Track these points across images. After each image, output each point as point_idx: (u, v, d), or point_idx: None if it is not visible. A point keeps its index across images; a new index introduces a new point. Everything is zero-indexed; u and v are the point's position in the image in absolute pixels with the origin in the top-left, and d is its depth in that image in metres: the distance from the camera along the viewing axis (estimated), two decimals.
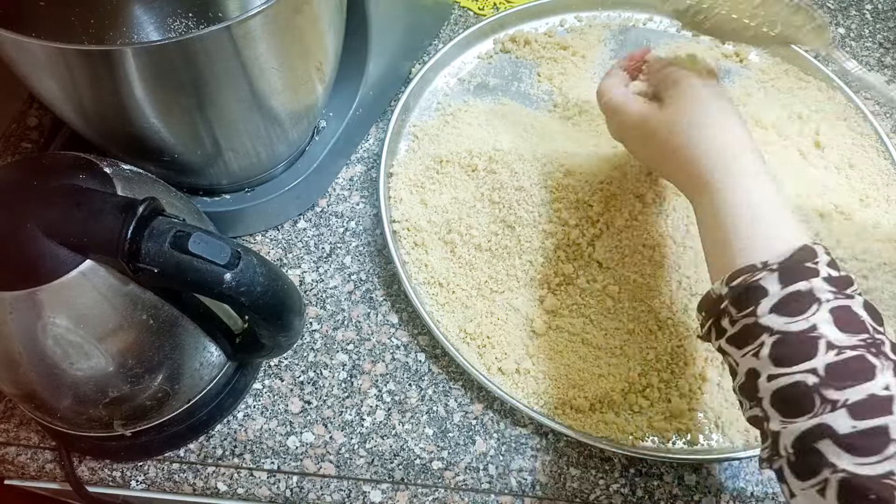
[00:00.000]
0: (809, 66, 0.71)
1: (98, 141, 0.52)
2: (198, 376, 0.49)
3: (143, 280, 0.42)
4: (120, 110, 0.46)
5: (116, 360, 0.43)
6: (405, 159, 0.65)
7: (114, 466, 0.54)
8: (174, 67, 0.43)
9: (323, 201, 0.66)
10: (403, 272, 0.58)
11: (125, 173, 0.45)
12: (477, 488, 0.54)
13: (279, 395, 0.56)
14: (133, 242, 0.39)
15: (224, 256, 0.40)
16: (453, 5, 0.78)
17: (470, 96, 0.70)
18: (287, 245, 0.63)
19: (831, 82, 0.70)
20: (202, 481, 0.54)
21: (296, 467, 0.54)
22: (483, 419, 0.56)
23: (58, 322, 0.40)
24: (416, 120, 0.68)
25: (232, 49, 0.44)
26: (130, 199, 0.40)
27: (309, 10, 0.47)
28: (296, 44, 0.48)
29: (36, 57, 0.43)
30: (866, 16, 0.81)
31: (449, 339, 0.56)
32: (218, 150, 0.53)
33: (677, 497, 0.54)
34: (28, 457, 0.54)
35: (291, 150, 0.61)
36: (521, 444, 0.55)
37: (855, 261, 0.60)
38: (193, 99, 0.47)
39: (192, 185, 0.59)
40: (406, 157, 0.65)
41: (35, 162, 0.44)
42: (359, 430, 0.55)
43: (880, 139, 0.67)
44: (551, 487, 0.54)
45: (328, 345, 0.58)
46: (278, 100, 0.51)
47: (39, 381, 0.44)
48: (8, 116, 0.69)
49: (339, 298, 0.60)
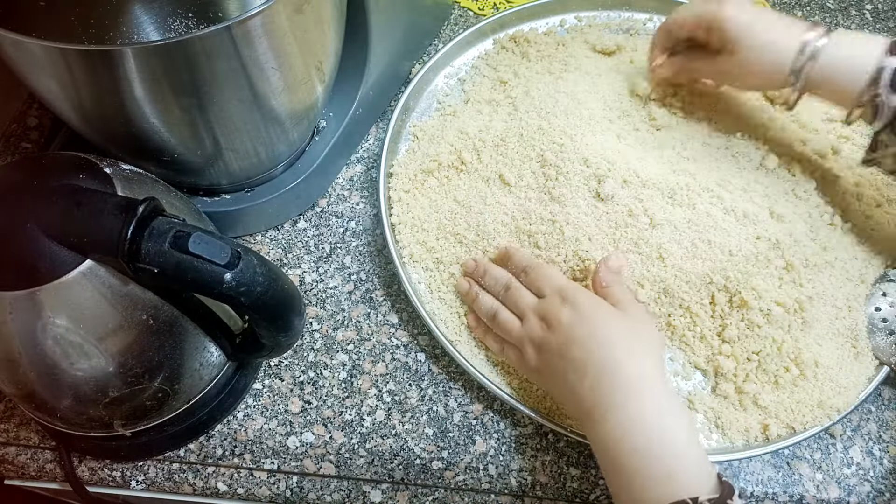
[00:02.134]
0: None
1: (98, 141, 0.52)
2: (198, 376, 0.49)
3: (143, 280, 0.42)
4: (120, 110, 0.46)
5: (116, 360, 0.43)
6: (405, 159, 0.65)
7: (114, 466, 0.54)
8: (174, 67, 0.43)
9: (323, 201, 0.66)
10: (403, 272, 0.58)
11: (125, 173, 0.45)
12: (477, 488, 0.54)
13: (279, 395, 0.56)
14: (133, 242, 0.39)
15: (224, 256, 0.40)
16: (453, 5, 0.78)
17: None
18: (287, 245, 0.63)
19: None
20: (202, 481, 0.54)
21: (296, 467, 0.54)
22: (483, 419, 0.56)
23: (58, 322, 0.40)
24: (416, 120, 0.68)
25: (232, 49, 0.44)
26: (130, 199, 0.40)
27: (309, 11, 0.47)
28: (296, 44, 0.48)
29: (36, 57, 0.43)
30: (866, 16, 0.81)
31: (449, 339, 0.56)
32: (218, 150, 0.53)
33: None
34: (28, 457, 0.54)
35: (291, 150, 0.61)
36: (521, 444, 0.55)
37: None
38: (193, 99, 0.47)
39: (192, 185, 0.59)
40: (406, 157, 0.65)
41: (35, 162, 0.44)
42: (359, 430, 0.55)
43: None
44: (551, 487, 0.54)
45: (328, 345, 0.58)
46: (278, 100, 0.51)
47: (39, 381, 0.44)
48: (8, 116, 0.70)
49: (339, 298, 0.60)
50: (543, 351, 0.50)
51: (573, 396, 0.48)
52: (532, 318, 0.52)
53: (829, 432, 0.56)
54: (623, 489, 0.44)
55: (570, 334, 0.49)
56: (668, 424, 0.45)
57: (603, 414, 0.46)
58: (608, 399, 0.46)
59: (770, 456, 0.55)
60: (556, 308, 0.50)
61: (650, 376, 0.47)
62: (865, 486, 0.54)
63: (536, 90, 0.66)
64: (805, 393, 0.54)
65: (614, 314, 0.50)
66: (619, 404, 0.45)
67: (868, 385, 0.55)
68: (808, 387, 0.54)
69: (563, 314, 0.50)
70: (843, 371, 0.55)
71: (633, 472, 0.44)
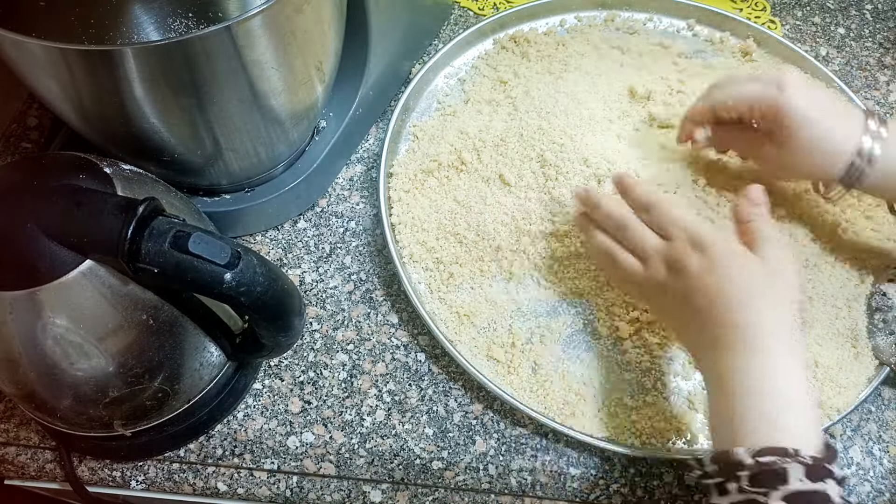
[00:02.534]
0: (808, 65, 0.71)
1: (98, 141, 0.52)
2: (198, 376, 0.49)
3: (143, 280, 0.42)
4: (120, 110, 0.46)
5: (116, 360, 0.43)
6: (405, 159, 0.65)
7: (114, 466, 0.54)
8: (174, 67, 0.43)
9: (323, 201, 0.66)
10: (403, 272, 0.58)
11: (125, 173, 0.45)
12: (477, 488, 0.54)
13: (279, 395, 0.56)
14: (133, 242, 0.38)
15: (224, 256, 0.40)
16: (453, 5, 0.78)
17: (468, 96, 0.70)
18: (287, 245, 0.63)
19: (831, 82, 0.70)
20: (202, 481, 0.54)
21: (296, 467, 0.54)
22: (483, 419, 0.56)
23: (58, 322, 0.40)
24: (416, 120, 0.68)
25: (232, 49, 0.44)
26: (130, 199, 0.40)
27: (309, 11, 0.47)
28: (296, 44, 0.48)
29: (36, 57, 0.43)
30: (866, 16, 0.81)
31: (449, 339, 0.56)
32: (218, 150, 0.53)
33: (677, 497, 0.54)
34: (28, 457, 0.54)
35: (291, 150, 0.61)
36: (521, 444, 0.55)
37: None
38: (193, 99, 0.47)
39: (192, 185, 0.59)
40: (406, 157, 0.65)
41: (35, 162, 0.44)
42: (359, 430, 0.55)
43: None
44: (551, 487, 0.54)
45: (328, 345, 0.58)
46: (278, 100, 0.51)
47: (39, 381, 0.44)
48: (8, 116, 0.69)
49: (339, 298, 0.60)
50: (666, 294, 0.48)
51: (691, 337, 0.47)
52: (656, 263, 0.48)
53: (829, 432, 0.56)
54: (726, 425, 0.43)
55: (697, 283, 0.46)
56: (788, 377, 0.43)
57: (721, 354, 0.45)
58: (730, 348, 0.44)
59: None
60: (685, 254, 0.47)
61: (777, 331, 0.44)
62: (865, 486, 0.54)
63: (536, 90, 0.66)
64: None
65: (748, 264, 0.46)
66: (741, 352, 0.44)
67: (868, 385, 0.55)
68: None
69: (692, 261, 0.46)
70: (842, 371, 0.55)
71: (741, 413, 0.43)
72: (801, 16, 0.80)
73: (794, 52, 0.72)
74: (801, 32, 0.79)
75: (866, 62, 0.76)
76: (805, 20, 0.80)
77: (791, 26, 0.79)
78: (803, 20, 0.80)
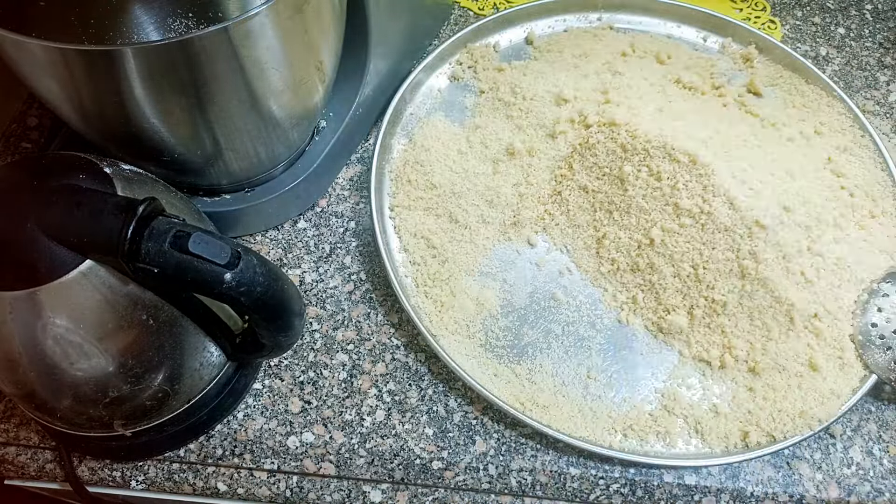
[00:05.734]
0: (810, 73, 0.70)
1: (98, 141, 0.52)
2: (198, 376, 0.49)
3: (143, 280, 0.42)
4: (120, 110, 0.46)
5: (116, 360, 0.43)
6: (400, 158, 0.65)
7: (114, 466, 0.54)
8: (174, 67, 0.43)
9: (323, 201, 0.66)
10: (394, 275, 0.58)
11: (125, 173, 0.45)
12: (477, 488, 0.54)
13: (279, 395, 0.56)
14: (133, 242, 0.38)
15: (224, 256, 0.40)
16: (453, 5, 0.78)
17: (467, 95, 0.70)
18: (287, 245, 0.63)
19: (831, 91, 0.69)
20: (202, 481, 0.54)
21: (296, 467, 0.54)
22: (483, 419, 0.56)
23: (58, 322, 0.40)
24: (411, 119, 0.68)
25: (232, 49, 0.44)
26: (130, 199, 0.40)
27: (309, 11, 0.47)
28: (296, 44, 0.48)
29: (36, 57, 0.43)
30: (866, 16, 0.81)
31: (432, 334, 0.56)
32: (218, 150, 0.53)
33: (677, 497, 0.54)
34: (28, 457, 0.54)
35: (291, 150, 0.61)
36: (521, 444, 0.55)
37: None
38: (193, 99, 0.47)
39: (192, 185, 0.59)
40: (401, 156, 0.65)
41: (35, 162, 0.44)
42: (359, 430, 0.55)
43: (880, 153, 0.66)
44: (551, 487, 0.54)
45: (328, 345, 0.58)
46: (278, 100, 0.51)
47: (39, 381, 0.44)
48: (8, 116, 0.70)
49: (339, 298, 0.60)
50: None
51: None
52: None
53: (830, 432, 0.56)
54: None
55: None
56: None
57: None
58: None
59: (770, 456, 0.55)
60: None
61: None
62: (865, 486, 0.54)
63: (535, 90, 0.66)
64: (788, 402, 0.54)
65: None
66: None
67: (853, 396, 0.54)
68: (792, 396, 0.54)
69: None
70: (827, 382, 0.55)
71: None
72: (801, 16, 0.80)
73: (796, 62, 0.71)
74: (801, 32, 0.79)
75: (866, 62, 0.76)
76: (805, 20, 0.80)
77: (791, 26, 0.79)
78: (803, 20, 0.80)
